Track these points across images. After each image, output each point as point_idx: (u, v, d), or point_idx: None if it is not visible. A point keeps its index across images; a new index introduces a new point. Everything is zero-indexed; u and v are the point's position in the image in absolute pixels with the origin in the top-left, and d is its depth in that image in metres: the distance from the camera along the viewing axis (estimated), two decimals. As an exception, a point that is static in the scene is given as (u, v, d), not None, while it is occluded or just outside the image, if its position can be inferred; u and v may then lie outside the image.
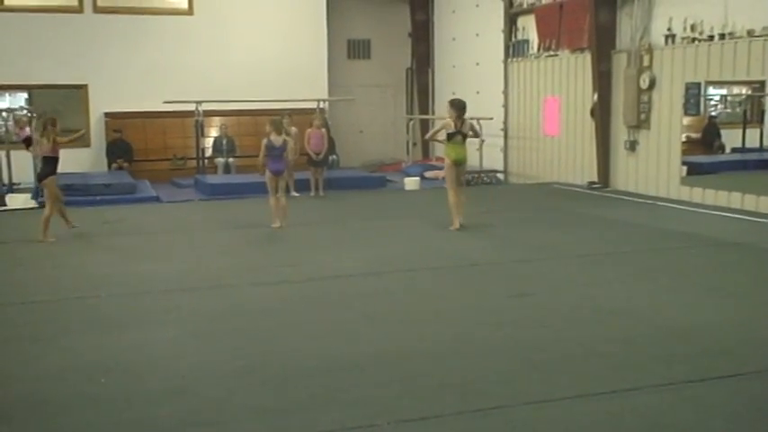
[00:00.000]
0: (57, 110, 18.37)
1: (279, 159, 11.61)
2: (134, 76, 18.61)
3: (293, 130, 14.98)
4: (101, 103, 18.55)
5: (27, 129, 16.46)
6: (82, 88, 18.66)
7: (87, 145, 18.69)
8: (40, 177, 11.39)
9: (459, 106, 11.31)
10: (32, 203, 14.60)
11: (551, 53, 16.83)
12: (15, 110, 17.91)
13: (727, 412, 4.76)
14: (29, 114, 16.79)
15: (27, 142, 16.38)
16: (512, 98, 18.41)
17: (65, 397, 5.10)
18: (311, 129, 15.32)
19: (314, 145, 15.27)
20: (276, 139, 11.54)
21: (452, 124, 11.23)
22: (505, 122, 18.58)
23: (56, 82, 18.24)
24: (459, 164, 11.36)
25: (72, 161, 17.47)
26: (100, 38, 18.58)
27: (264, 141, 11.59)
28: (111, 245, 10.57)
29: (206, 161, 18.24)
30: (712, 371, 5.39)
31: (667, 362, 5.59)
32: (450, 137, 11.26)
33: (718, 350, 5.87)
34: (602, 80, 15.03)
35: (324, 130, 15.77)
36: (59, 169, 16.12)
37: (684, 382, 5.20)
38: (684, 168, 13.74)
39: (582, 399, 4.95)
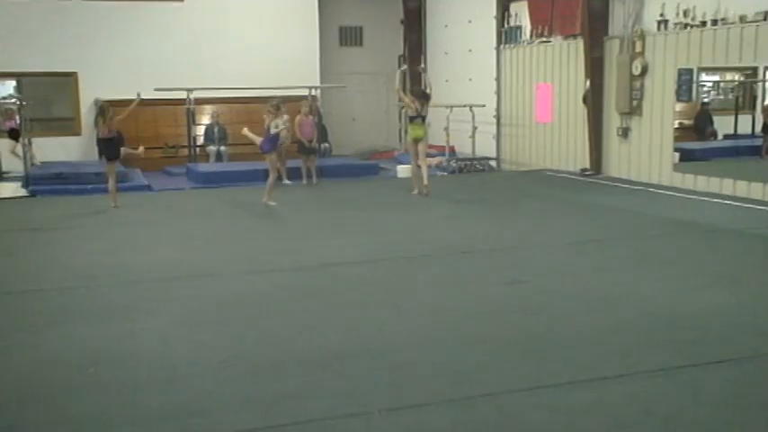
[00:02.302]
0: (47, 98, 18.43)
1: (266, 141, 12.45)
2: (124, 63, 18.49)
3: (285, 117, 14.92)
4: (91, 91, 18.43)
5: (15, 120, 16.37)
6: (71, 76, 18.55)
7: (78, 133, 18.65)
8: (109, 157, 12.43)
9: (419, 95, 13.76)
10: (22, 192, 14.54)
11: (544, 40, 16.78)
12: (5, 98, 17.81)
13: (718, 397, 4.76)
14: (17, 103, 16.68)
15: (13, 134, 16.33)
16: (504, 85, 18.36)
17: (54, 387, 5.07)
18: (300, 116, 15.27)
19: (305, 133, 15.24)
20: (270, 123, 12.43)
21: (414, 108, 13.28)
22: (498, 109, 18.54)
23: (45, 70, 18.12)
24: (417, 141, 13.25)
25: (62, 150, 17.46)
26: (89, 25, 18.45)
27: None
28: (102, 234, 10.50)
29: (198, 149, 18.15)
30: (703, 356, 5.39)
31: (659, 348, 5.59)
32: (411, 119, 13.41)
33: (709, 336, 5.87)
34: (595, 67, 14.99)
35: (312, 117, 15.70)
36: (51, 157, 16.26)
37: (676, 367, 5.19)
38: (677, 155, 13.73)
39: (573, 385, 4.94)
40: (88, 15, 18.45)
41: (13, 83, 18.41)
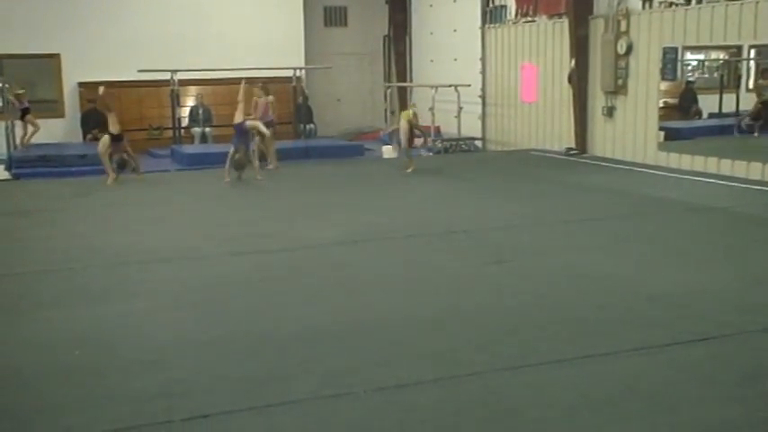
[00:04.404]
0: (30, 80, 18.25)
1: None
2: (108, 44, 18.32)
3: (270, 98, 14.84)
4: (74, 73, 18.28)
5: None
6: (54, 57, 18.38)
7: (61, 116, 18.51)
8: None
9: None
10: (5, 175, 14.45)
11: (529, 19, 16.76)
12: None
13: (701, 375, 4.80)
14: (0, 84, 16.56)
15: (24, 113, 16.34)
16: (489, 65, 18.34)
17: (39, 370, 5.05)
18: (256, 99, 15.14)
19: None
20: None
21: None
22: (483, 89, 18.52)
23: (27, 51, 17.93)
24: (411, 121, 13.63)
25: (46, 132, 17.32)
26: (72, 6, 18.26)
27: None
28: (86, 217, 10.45)
29: (182, 131, 18.06)
30: (687, 335, 5.42)
31: (643, 326, 5.63)
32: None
33: (693, 314, 5.91)
34: (580, 46, 14.98)
35: (269, 98, 15.19)
36: (34, 139, 16.15)
37: (660, 346, 5.23)
38: (662, 134, 13.77)
39: (558, 364, 4.97)
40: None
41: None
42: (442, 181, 12.94)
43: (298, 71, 18.50)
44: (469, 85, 17.73)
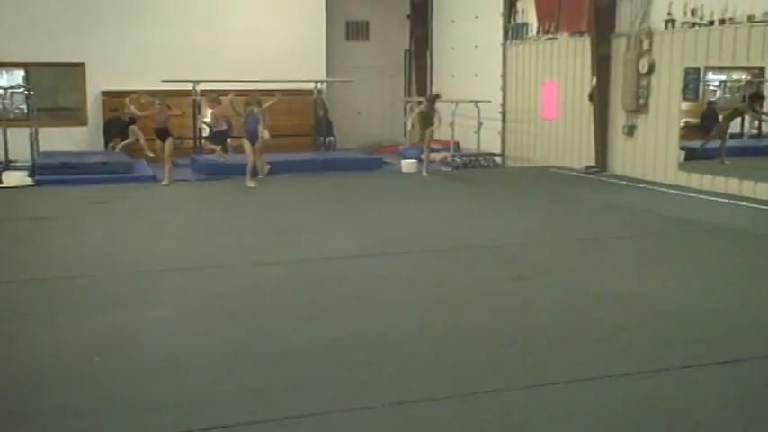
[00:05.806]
0: (54, 88, 18.44)
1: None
2: (131, 54, 18.48)
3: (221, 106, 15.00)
4: (98, 82, 18.44)
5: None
6: (79, 66, 18.56)
7: (84, 123, 18.67)
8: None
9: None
10: (29, 181, 14.57)
11: (550, 36, 16.75)
12: (13, 87, 17.85)
13: (720, 397, 4.76)
14: (25, 92, 16.73)
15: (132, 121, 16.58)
16: (510, 81, 18.33)
17: (57, 376, 5.09)
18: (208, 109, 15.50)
19: (219, 124, 15.61)
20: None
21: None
22: (503, 105, 18.50)
23: (53, 60, 18.12)
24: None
25: (69, 140, 17.51)
26: (97, 15, 18.44)
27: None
28: (107, 224, 10.52)
29: (203, 141, 18.14)
30: (707, 356, 5.39)
31: (663, 347, 5.60)
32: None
33: (713, 336, 5.88)
34: (601, 64, 14.96)
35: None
36: (57, 147, 16.31)
37: (679, 367, 5.20)
38: (682, 153, 13.71)
39: (577, 383, 4.95)
40: (96, 5, 18.44)
41: (21, 72, 18.42)
42: (461, 196, 12.94)
43: (319, 84, 18.57)
44: (490, 101, 17.75)
